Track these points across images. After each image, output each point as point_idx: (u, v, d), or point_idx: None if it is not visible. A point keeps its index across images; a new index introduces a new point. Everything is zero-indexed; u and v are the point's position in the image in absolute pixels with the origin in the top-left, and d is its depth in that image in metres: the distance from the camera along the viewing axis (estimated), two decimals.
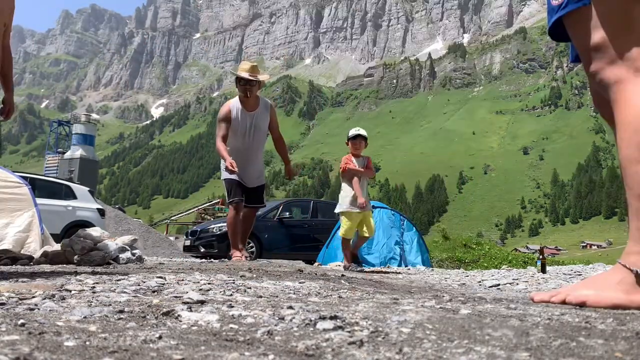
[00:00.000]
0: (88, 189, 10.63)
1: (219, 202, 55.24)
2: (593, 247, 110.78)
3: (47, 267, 2.59)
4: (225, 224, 10.12)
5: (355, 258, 7.88)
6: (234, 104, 4.88)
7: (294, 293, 1.31)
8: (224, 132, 4.77)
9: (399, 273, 4.85)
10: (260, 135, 4.93)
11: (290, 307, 0.89)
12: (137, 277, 1.59)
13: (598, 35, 1.33)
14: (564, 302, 1.28)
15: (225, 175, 4.90)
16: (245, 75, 4.78)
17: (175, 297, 1.09)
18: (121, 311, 0.84)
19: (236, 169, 4.51)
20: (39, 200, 5.18)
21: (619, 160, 1.31)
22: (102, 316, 0.79)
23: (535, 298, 1.39)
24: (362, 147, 5.06)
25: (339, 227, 8.54)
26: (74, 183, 10.99)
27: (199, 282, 1.47)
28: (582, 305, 1.24)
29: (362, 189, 4.98)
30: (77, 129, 56.53)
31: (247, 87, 4.78)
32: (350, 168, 4.95)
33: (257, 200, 5.07)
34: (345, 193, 5.00)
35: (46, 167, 54.10)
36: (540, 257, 5.77)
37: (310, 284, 1.60)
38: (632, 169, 1.26)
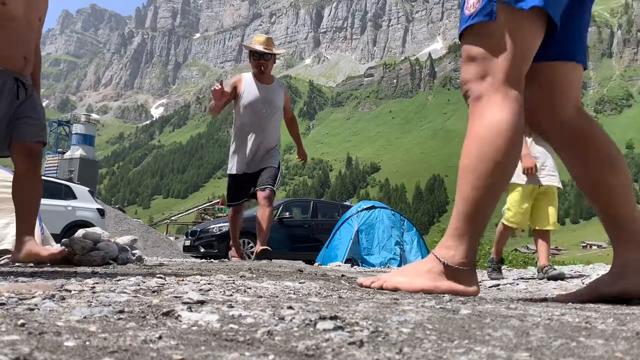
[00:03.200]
0: (88, 189, 10.63)
1: (218, 202, 55.27)
2: (593, 247, 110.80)
3: (47, 267, 2.59)
4: (225, 224, 10.14)
5: (354, 260, 7.89)
6: (246, 75, 4.51)
7: (294, 293, 1.31)
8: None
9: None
10: (273, 111, 4.44)
11: (290, 307, 0.89)
12: (137, 277, 1.59)
13: (478, 49, 1.44)
14: (381, 288, 1.45)
15: (230, 169, 4.54)
16: (260, 48, 4.39)
17: (175, 297, 1.09)
18: (121, 311, 0.84)
19: (223, 88, 4.11)
20: None
21: (460, 166, 1.44)
22: (102, 316, 0.79)
23: (360, 282, 1.57)
24: None
25: (339, 227, 8.54)
26: (74, 183, 10.99)
27: (199, 282, 1.47)
28: (395, 290, 1.42)
29: (531, 149, 3.42)
30: (77, 129, 56.59)
31: (261, 61, 4.39)
32: None
33: (264, 181, 4.35)
34: None
35: (46, 167, 54.14)
36: None
37: (310, 284, 1.60)
38: (467, 177, 1.41)
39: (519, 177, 3.47)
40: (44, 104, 4.04)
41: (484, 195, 1.39)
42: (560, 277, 3.67)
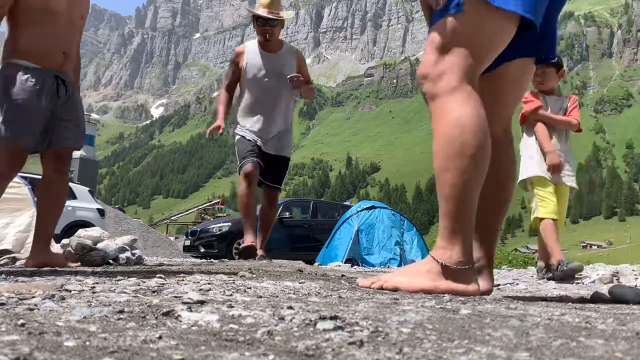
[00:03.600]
0: (88, 189, 10.63)
1: (218, 202, 55.26)
2: (593, 247, 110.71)
3: (47, 267, 2.59)
4: (225, 224, 10.12)
5: (353, 260, 7.88)
6: (250, 45, 3.97)
7: (294, 293, 1.31)
8: (229, 80, 3.97)
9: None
10: (282, 83, 3.84)
11: (290, 307, 0.89)
12: (137, 277, 1.59)
13: (439, 43, 1.46)
14: (382, 288, 1.47)
15: (239, 133, 3.91)
16: (264, 13, 3.82)
17: (175, 297, 1.09)
18: (121, 311, 0.83)
19: (219, 131, 3.74)
20: None
21: (434, 167, 1.47)
22: (102, 316, 0.79)
23: (360, 283, 1.58)
24: (549, 77, 3.36)
25: (339, 227, 8.54)
26: (74, 183, 10.99)
27: (199, 282, 1.47)
28: (396, 289, 1.43)
29: (554, 145, 3.21)
30: None
31: (266, 27, 3.84)
32: (537, 111, 3.25)
33: (274, 178, 3.91)
34: (531, 152, 3.30)
35: None
36: None
37: (310, 284, 1.60)
38: (442, 176, 1.43)
39: (544, 171, 3.24)
40: None
41: (463, 191, 1.41)
42: (579, 269, 3.28)
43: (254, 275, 1.91)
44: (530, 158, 3.31)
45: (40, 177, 2.86)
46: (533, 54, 1.64)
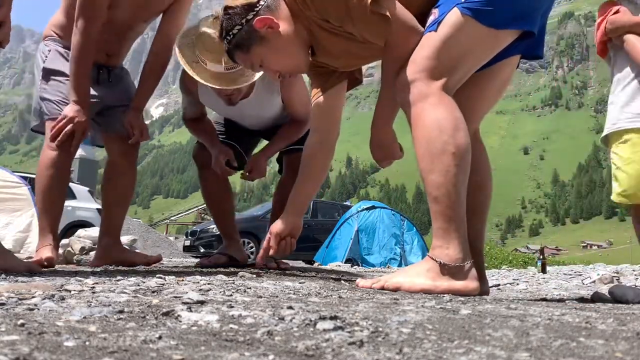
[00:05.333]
0: (88, 189, 10.64)
1: None
2: (593, 247, 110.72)
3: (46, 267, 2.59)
4: None
5: (353, 260, 7.87)
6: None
7: (294, 293, 1.31)
8: (189, 116, 2.84)
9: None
10: (266, 118, 2.76)
11: (290, 307, 0.89)
12: (137, 277, 1.59)
13: (420, 54, 1.51)
14: (383, 288, 1.48)
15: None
16: (215, 84, 2.31)
17: (175, 297, 1.09)
18: (121, 311, 0.83)
19: (232, 164, 2.61)
20: None
21: (420, 170, 1.49)
22: (101, 316, 0.79)
23: (360, 284, 1.58)
24: None
25: (339, 227, 8.54)
26: (74, 183, 10.99)
27: (199, 282, 1.47)
28: (397, 289, 1.45)
29: None
30: None
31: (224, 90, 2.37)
32: (616, 23, 2.23)
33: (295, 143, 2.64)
34: (620, 86, 2.23)
35: None
36: (541, 257, 5.79)
37: (310, 284, 1.61)
38: (428, 178, 1.47)
39: (630, 119, 2.14)
40: None
41: (450, 189, 1.44)
42: None
43: (254, 275, 1.91)
44: (612, 103, 2.29)
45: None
46: (528, 52, 1.67)
